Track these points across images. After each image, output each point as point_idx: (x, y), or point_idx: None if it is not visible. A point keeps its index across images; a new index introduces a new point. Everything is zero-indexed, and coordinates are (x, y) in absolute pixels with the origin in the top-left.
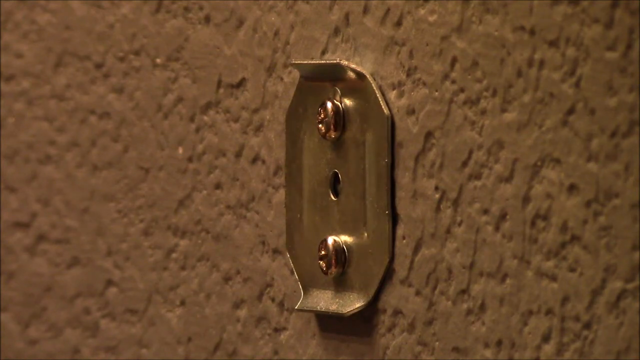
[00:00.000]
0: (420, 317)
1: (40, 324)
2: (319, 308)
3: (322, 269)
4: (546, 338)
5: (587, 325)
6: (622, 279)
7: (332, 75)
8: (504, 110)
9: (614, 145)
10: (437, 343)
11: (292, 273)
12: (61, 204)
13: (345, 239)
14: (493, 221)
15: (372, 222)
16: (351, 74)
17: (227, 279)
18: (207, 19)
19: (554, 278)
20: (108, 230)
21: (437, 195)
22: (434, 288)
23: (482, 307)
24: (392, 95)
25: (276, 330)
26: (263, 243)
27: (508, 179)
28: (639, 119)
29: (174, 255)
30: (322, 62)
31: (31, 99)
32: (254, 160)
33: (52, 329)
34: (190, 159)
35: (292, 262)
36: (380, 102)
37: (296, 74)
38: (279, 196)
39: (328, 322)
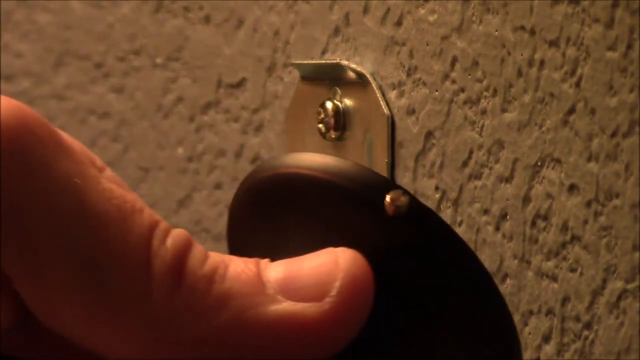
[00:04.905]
0: None
1: None
2: None
3: None
4: (546, 338)
5: (588, 326)
6: (623, 279)
7: (332, 75)
8: (504, 110)
9: (614, 145)
10: None
11: None
12: None
13: None
14: (493, 221)
15: None
16: (351, 74)
17: None
18: (207, 19)
19: (554, 278)
20: None
21: (438, 195)
22: None
23: None
24: (392, 95)
25: None
26: None
27: (508, 179)
28: (639, 119)
29: None
30: (322, 62)
31: (31, 99)
32: (254, 160)
33: None
34: (190, 159)
35: None
36: (380, 102)
37: (296, 74)
38: None
39: None
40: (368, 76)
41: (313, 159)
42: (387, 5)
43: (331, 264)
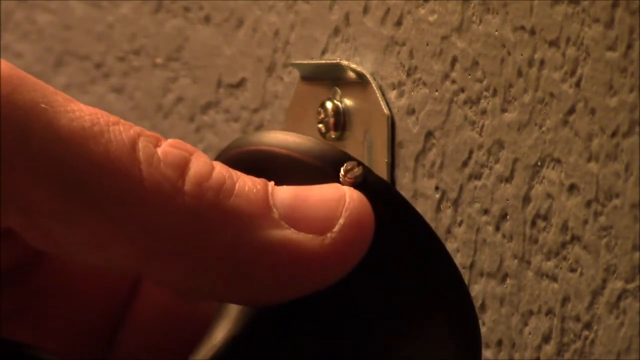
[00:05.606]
0: None
1: None
2: None
3: None
4: (546, 338)
5: (588, 326)
6: (623, 279)
7: (332, 75)
8: (504, 110)
9: (614, 145)
10: None
11: None
12: None
13: None
14: (493, 221)
15: None
16: (351, 74)
17: None
18: (207, 19)
19: (554, 278)
20: None
21: (438, 195)
22: None
23: (482, 307)
24: (392, 95)
25: None
26: None
27: (508, 179)
28: (639, 119)
29: None
30: (322, 62)
31: None
32: None
33: None
34: None
35: None
36: (380, 102)
37: (296, 74)
38: None
39: None
40: (368, 76)
41: (274, 136)
42: (387, 5)
43: (337, 200)
